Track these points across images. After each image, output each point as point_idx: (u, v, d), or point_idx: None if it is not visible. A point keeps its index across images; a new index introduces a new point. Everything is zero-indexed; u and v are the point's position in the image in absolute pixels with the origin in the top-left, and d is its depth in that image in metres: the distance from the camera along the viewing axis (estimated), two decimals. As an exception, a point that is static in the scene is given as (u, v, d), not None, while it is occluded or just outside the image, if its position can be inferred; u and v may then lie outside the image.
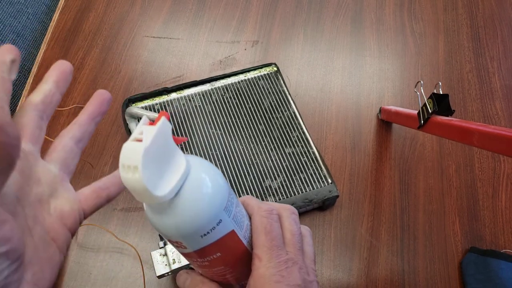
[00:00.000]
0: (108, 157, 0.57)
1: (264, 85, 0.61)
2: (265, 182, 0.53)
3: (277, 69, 0.63)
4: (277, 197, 0.52)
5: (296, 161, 0.55)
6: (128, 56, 0.66)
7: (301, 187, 0.53)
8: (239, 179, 0.53)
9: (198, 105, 0.58)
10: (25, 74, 0.75)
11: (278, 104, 0.59)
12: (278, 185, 0.53)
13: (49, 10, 0.81)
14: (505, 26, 0.73)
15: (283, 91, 0.61)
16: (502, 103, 0.65)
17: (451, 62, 0.69)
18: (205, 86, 0.60)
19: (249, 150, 0.55)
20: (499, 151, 0.37)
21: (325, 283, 0.51)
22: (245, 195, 0.51)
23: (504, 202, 0.58)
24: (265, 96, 0.60)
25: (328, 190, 0.53)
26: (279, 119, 0.58)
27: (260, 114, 0.58)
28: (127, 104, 0.56)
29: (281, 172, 0.54)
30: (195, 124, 0.57)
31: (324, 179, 0.54)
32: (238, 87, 0.60)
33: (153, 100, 0.58)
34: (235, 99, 0.59)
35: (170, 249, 0.45)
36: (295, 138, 0.57)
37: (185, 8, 0.71)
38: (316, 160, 0.55)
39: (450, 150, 0.61)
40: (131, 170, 0.20)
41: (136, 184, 0.20)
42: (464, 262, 0.52)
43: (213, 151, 0.55)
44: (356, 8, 0.73)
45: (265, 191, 0.52)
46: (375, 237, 0.54)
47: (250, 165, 0.54)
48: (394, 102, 0.65)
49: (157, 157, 0.21)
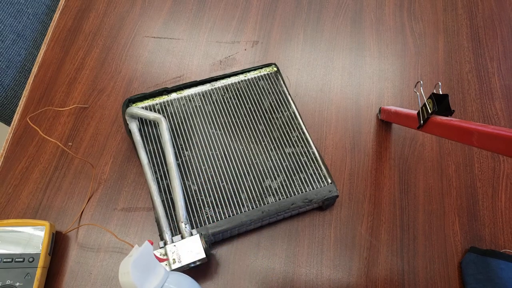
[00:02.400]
0: (108, 157, 0.57)
1: (264, 85, 0.61)
2: (265, 182, 0.53)
3: (277, 70, 0.63)
4: (277, 197, 0.52)
5: (296, 161, 0.55)
6: (128, 56, 0.66)
7: (301, 187, 0.53)
8: (239, 179, 0.53)
9: (198, 105, 0.58)
10: (26, 74, 0.75)
11: (278, 104, 0.60)
12: (278, 185, 0.53)
13: (49, 10, 0.81)
14: (504, 26, 0.74)
15: (283, 91, 0.61)
16: (501, 103, 0.66)
17: (450, 62, 0.69)
18: (205, 86, 0.60)
19: (249, 150, 0.55)
20: (498, 151, 0.37)
21: (325, 283, 0.51)
22: (245, 195, 0.52)
23: (504, 202, 0.58)
24: (265, 96, 0.60)
25: (328, 190, 0.53)
26: (279, 119, 0.58)
27: (260, 114, 0.58)
28: (127, 104, 0.56)
29: (281, 172, 0.54)
30: (195, 124, 0.57)
31: (324, 179, 0.54)
32: (238, 87, 0.60)
33: (153, 100, 0.58)
34: (235, 99, 0.59)
35: (170, 249, 0.45)
36: (295, 138, 0.57)
37: (185, 8, 0.71)
38: (316, 160, 0.55)
39: (449, 150, 0.61)
40: (125, 275, 0.32)
41: (128, 283, 0.32)
42: (463, 262, 0.53)
43: (213, 151, 0.55)
44: (356, 8, 0.74)
45: (265, 191, 0.52)
46: (375, 237, 0.54)
47: (250, 165, 0.54)
48: (393, 102, 0.65)
49: (142, 267, 0.33)
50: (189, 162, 0.54)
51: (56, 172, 0.56)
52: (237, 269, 0.51)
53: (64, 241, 0.51)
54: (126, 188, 0.55)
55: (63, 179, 0.55)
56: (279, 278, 0.51)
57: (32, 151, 0.57)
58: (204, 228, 0.49)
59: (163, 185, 0.52)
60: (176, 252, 0.45)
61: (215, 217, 0.50)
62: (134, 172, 0.56)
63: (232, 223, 0.50)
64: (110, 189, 0.55)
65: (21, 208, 0.53)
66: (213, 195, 0.52)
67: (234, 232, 0.52)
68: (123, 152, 0.58)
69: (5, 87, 0.71)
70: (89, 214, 0.53)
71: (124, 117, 0.55)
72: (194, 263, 0.46)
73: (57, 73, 0.63)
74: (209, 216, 0.50)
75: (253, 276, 0.51)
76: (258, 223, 0.52)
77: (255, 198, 0.52)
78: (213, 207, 0.51)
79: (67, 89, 0.62)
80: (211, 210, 0.51)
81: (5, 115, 0.73)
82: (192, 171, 0.53)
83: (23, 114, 0.60)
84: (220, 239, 0.52)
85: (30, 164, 0.56)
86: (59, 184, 0.55)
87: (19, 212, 0.53)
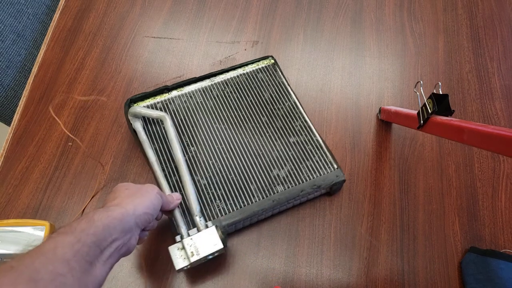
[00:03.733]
0: (109, 157, 0.57)
1: (263, 78, 0.62)
2: (273, 172, 0.54)
3: (274, 62, 0.63)
4: (286, 185, 0.53)
5: (301, 149, 0.56)
6: (128, 56, 0.66)
7: (309, 174, 0.54)
8: (247, 171, 0.54)
9: (199, 101, 0.59)
10: (26, 74, 0.75)
11: (278, 95, 0.60)
12: (286, 174, 0.54)
13: (50, 11, 0.81)
14: (504, 26, 0.74)
15: (282, 83, 0.61)
16: (501, 103, 0.66)
17: (450, 62, 0.69)
18: (205, 82, 0.61)
19: (254, 142, 0.56)
20: (498, 151, 0.37)
21: (325, 283, 0.51)
22: (255, 185, 0.52)
23: (504, 202, 0.58)
24: (264, 88, 0.61)
25: (335, 175, 0.54)
26: (281, 110, 0.59)
27: (261, 106, 0.59)
28: (129, 104, 0.56)
29: (288, 161, 0.55)
30: (198, 120, 0.57)
31: (330, 165, 0.55)
32: (238, 81, 0.61)
33: (154, 98, 0.58)
34: (235, 93, 0.60)
35: (187, 243, 0.46)
36: (298, 128, 0.58)
37: (185, 8, 0.71)
38: (321, 147, 0.56)
39: (449, 150, 0.61)
40: None
41: None
42: (463, 262, 0.53)
43: (219, 145, 0.55)
44: (356, 9, 0.74)
45: (273, 180, 0.53)
46: (375, 237, 0.54)
47: (256, 156, 0.55)
48: (393, 102, 0.65)
49: None
50: (196, 157, 0.54)
51: (56, 172, 0.56)
52: (237, 269, 0.51)
53: (64, 241, 0.51)
54: (126, 188, 0.55)
55: (63, 179, 0.55)
56: (279, 278, 0.51)
57: (32, 151, 0.57)
58: (217, 220, 0.50)
59: (173, 182, 0.52)
60: (193, 245, 0.46)
61: (226, 209, 0.51)
62: (134, 172, 0.56)
63: (244, 213, 0.50)
64: (110, 189, 0.55)
65: (21, 208, 0.53)
66: (222, 188, 0.52)
67: (247, 223, 0.52)
68: (123, 152, 0.58)
69: (5, 87, 0.71)
70: (89, 214, 0.53)
71: (127, 117, 0.55)
72: (212, 255, 0.46)
73: (57, 73, 0.63)
74: (220, 208, 0.51)
75: (253, 276, 0.51)
76: (269, 212, 0.53)
77: (264, 188, 0.53)
78: (224, 200, 0.51)
79: (67, 89, 0.62)
80: (222, 203, 0.51)
81: (5, 115, 0.73)
82: (199, 166, 0.54)
83: (23, 114, 0.60)
84: (233, 231, 0.52)
85: (30, 164, 0.56)
86: (59, 184, 0.55)
87: (19, 212, 0.53)
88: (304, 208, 0.55)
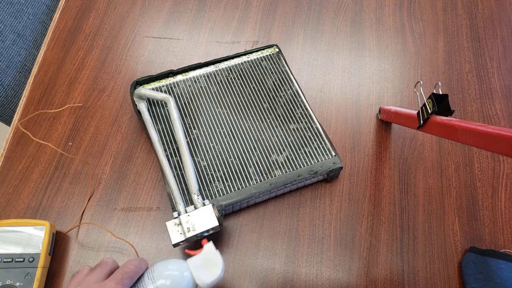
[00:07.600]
0: (109, 157, 0.57)
1: (266, 66, 0.63)
2: (272, 157, 0.55)
3: (278, 50, 0.64)
4: (284, 170, 0.54)
5: (301, 136, 0.57)
6: (128, 56, 0.66)
7: (306, 160, 0.55)
8: (246, 155, 0.55)
9: (203, 86, 0.60)
10: (26, 74, 0.75)
11: (281, 83, 0.61)
12: (284, 159, 0.55)
13: (50, 10, 0.81)
14: (504, 26, 0.74)
15: (285, 71, 0.62)
16: (501, 103, 0.66)
17: (450, 62, 0.69)
18: (210, 68, 0.62)
19: (254, 127, 0.57)
20: (498, 151, 0.37)
21: (325, 283, 0.51)
22: (253, 169, 0.54)
23: (504, 202, 0.58)
24: (268, 76, 0.62)
25: (332, 162, 0.55)
26: (283, 97, 0.60)
27: (264, 93, 0.60)
28: (135, 86, 0.58)
29: (287, 146, 0.56)
30: (201, 104, 0.59)
31: (328, 152, 0.56)
32: (242, 68, 0.62)
33: (159, 82, 0.60)
34: (239, 79, 0.61)
35: (184, 219, 0.47)
36: (299, 115, 0.58)
37: (185, 8, 0.71)
38: (320, 135, 0.57)
39: (449, 150, 0.61)
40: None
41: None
42: (463, 262, 0.53)
43: (220, 129, 0.57)
44: (356, 9, 0.74)
45: (271, 164, 0.54)
46: (375, 237, 0.54)
47: (256, 141, 0.56)
48: (393, 102, 0.65)
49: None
50: (197, 140, 0.56)
51: (56, 172, 0.56)
52: (237, 269, 0.51)
53: (64, 241, 0.52)
54: (126, 188, 0.55)
55: (63, 179, 0.55)
56: (279, 278, 0.51)
57: (32, 151, 0.57)
58: (215, 200, 0.51)
59: (173, 162, 0.53)
60: (190, 221, 0.47)
61: (225, 190, 0.52)
62: (134, 172, 0.56)
63: (241, 195, 0.52)
64: (110, 189, 0.55)
65: (21, 208, 0.53)
66: (222, 170, 0.53)
67: (244, 205, 0.53)
68: (123, 152, 0.58)
69: (5, 87, 0.71)
70: (89, 214, 0.53)
71: (132, 98, 0.57)
72: (208, 232, 0.48)
73: (57, 73, 0.63)
74: (219, 189, 0.52)
75: (253, 276, 0.51)
76: (266, 195, 0.54)
77: (262, 171, 0.54)
78: (222, 181, 0.53)
79: (67, 89, 0.62)
80: (220, 184, 0.52)
81: (5, 115, 0.74)
82: (200, 148, 0.55)
83: (23, 114, 0.60)
84: (230, 211, 0.54)
85: (30, 164, 0.56)
86: (59, 184, 0.55)
87: (19, 212, 0.53)
88: (304, 207, 0.55)
